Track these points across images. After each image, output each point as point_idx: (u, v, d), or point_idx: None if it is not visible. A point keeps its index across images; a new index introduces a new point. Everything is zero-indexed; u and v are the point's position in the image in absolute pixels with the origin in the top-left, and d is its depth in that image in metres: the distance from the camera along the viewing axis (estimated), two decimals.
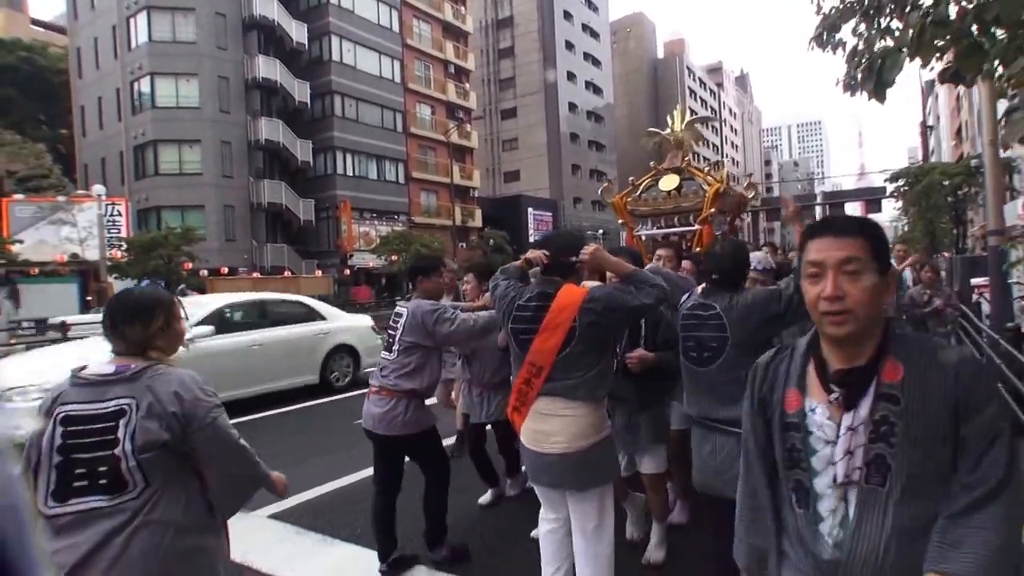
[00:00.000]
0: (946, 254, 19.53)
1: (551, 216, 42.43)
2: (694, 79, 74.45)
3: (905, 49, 2.28)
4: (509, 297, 2.36)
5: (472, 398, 3.89)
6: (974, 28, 2.22)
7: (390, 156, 32.00)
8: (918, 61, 2.39)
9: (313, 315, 8.11)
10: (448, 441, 4.09)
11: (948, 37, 2.24)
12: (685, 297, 2.56)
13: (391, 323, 3.12)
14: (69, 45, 30.46)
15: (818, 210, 53.38)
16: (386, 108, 31.93)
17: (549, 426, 2.24)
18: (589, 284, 2.43)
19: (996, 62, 2.45)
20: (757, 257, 3.02)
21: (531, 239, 39.63)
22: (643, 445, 3.02)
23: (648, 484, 3.08)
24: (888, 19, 2.71)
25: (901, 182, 25.27)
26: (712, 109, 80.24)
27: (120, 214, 23.07)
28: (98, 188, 19.98)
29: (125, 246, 20.88)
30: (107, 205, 21.42)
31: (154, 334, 1.67)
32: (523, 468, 3.48)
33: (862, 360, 1.14)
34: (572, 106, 48.36)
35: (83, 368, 1.63)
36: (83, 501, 1.50)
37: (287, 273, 26.08)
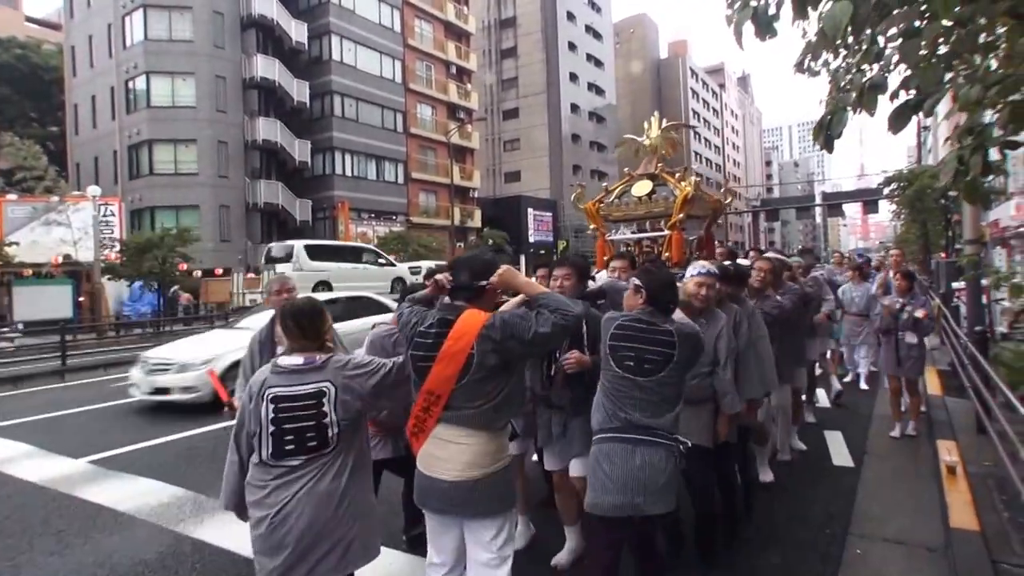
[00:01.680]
0: (943, 255, 19.53)
1: (551, 216, 42.25)
2: (697, 80, 74.34)
3: (849, 108, 2.59)
4: (411, 323, 2.30)
5: None
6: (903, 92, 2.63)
7: (390, 156, 31.67)
8: None
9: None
10: None
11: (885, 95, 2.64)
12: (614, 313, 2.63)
13: None
14: (64, 43, 30.13)
15: (818, 211, 53.41)
16: (386, 108, 31.59)
17: (444, 452, 2.21)
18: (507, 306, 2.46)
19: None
20: (700, 265, 3.23)
21: (531, 239, 39.40)
22: (577, 450, 2.99)
23: (579, 487, 3.00)
24: (858, 56, 2.93)
25: (893, 186, 25.29)
26: (714, 110, 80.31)
27: (114, 214, 22.69)
28: (93, 189, 19.64)
29: (119, 247, 20.55)
30: (100, 205, 21.11)
31: (327, 331, 2.34)
32: None
33: None
34: (574, 107, 48.07)
35: (278, 360, 2.25)
36: (293, 459, 2.14)
37: None
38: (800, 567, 3.27)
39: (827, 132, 2.64)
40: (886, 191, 27.19)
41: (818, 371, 6.68)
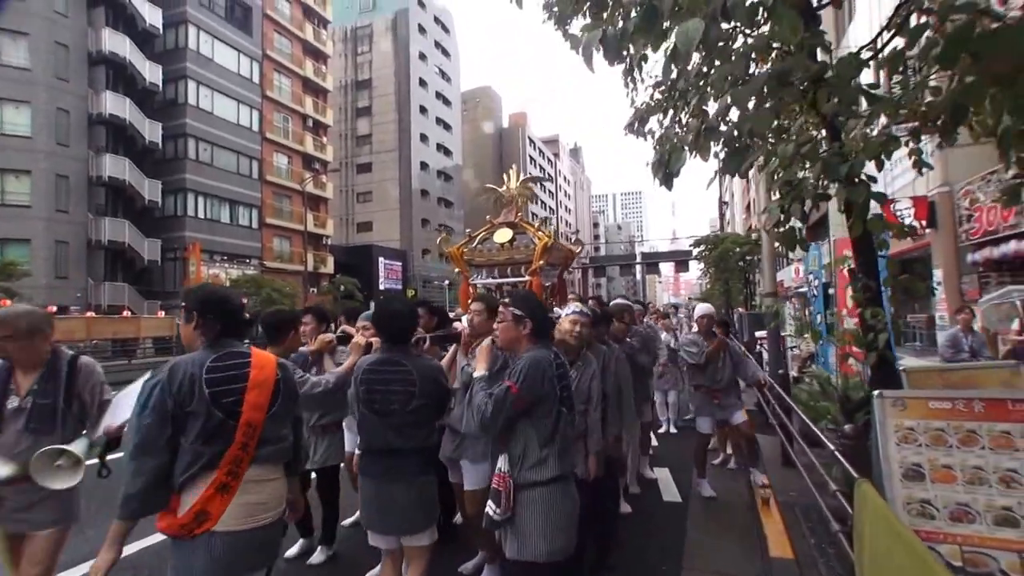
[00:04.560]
0: (741, 310, 22.53)
1: (401, 266, 44.47)
2: (534, 148, 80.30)
3: (687, 147, 2.64)
4: (188, 373, 2.01)
5: None
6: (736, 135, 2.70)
7: (244, 201, 32.28)
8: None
9: None
10: None
11: (719, 141, 2.66)
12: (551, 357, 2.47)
13: None
14: None
15: (638, 269, 61.39)
16: (242, 155, 32.38)
17: (264, 494, 2.06)
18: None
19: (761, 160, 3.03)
20: (574, 305, 3.49)
21: (381, 286, 41.39)
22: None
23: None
24: (685, 115, 3.09)
25: (702, 247, 29.50)
26: (549, 175, 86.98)
27: None
28: None
29: None
30: None
31: None
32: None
33: None
34: (424, 165, 51.50)
35: None
36: None
37: (126, 313, 25.12)
38: None
39: (666, 169, 2.70)
40: (695, 252, 31.09)
41: None
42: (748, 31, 3.00)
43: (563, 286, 6.69)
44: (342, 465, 4.00)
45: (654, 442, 6.81)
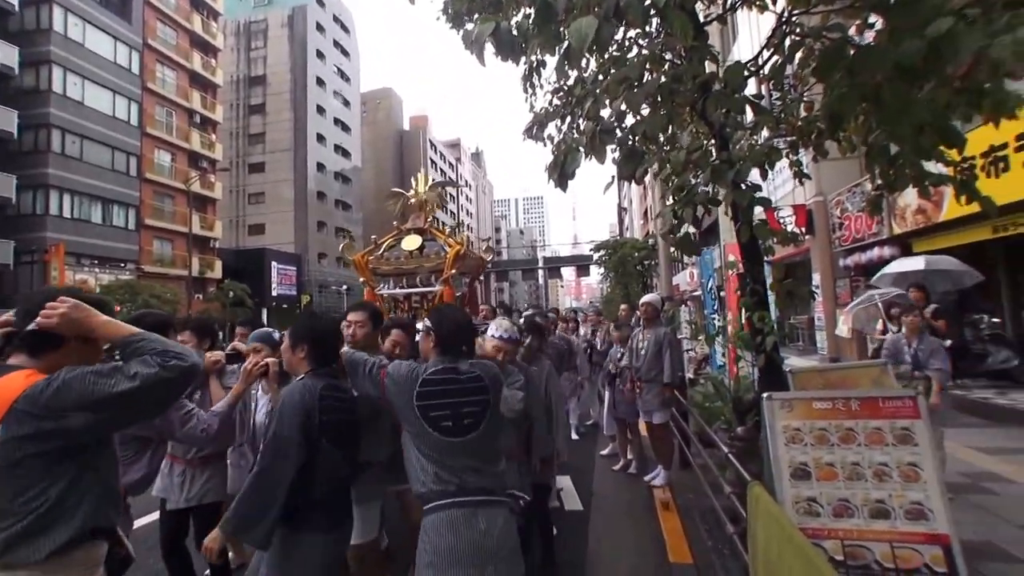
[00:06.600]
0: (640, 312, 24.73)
1: (295, 270, 42.92)
2: (436, 152, 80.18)
3: (582, 149, 2.59)
4: None
5: (172, 478, 3.11)
6: (631, 139, 2.71)
7: (119, 200, 29.55)
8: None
9: None
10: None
11: (613, 144, 2.64)
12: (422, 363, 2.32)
13: None
14: None
15: (540, 274, 62.94)
16: (118, 150, 29.63)
17: None
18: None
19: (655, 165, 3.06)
20: (503, 327, 3.04)
21: (274, 293, 39.77)
22: None
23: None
24: (580, 120, 3.07)
25: (602, 252, 30.17)
26: (452, 180, 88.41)
27: None
28: None
29: None
30: None
31: None
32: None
33: None
34: (321, 166, 49.88)
35: None
36: None
37: None
38: None
39: (561, 169, 2.64)
40: (596, 257, 31.65)
41: None
42: (642, 43, 3.09)
43: (474, 295, 6.47)
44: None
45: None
